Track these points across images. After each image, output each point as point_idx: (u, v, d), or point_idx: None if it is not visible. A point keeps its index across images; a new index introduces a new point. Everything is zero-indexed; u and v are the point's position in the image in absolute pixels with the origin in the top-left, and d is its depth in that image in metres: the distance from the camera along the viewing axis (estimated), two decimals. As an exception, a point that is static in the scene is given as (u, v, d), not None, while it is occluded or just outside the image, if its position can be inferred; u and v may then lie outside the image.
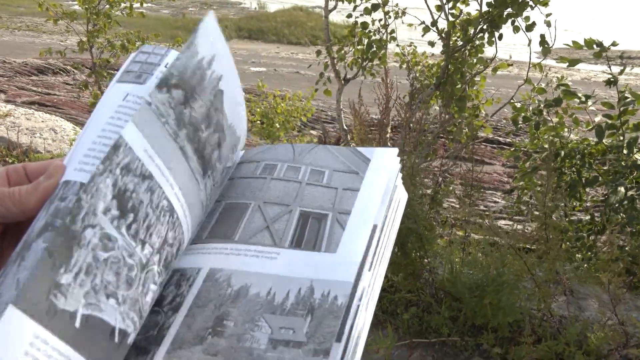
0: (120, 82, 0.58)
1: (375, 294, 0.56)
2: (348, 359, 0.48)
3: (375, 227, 0.58)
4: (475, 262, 2.97)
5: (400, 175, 0.65)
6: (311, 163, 0.66)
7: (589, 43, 3.52)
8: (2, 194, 0.52)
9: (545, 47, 3.92)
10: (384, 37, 5.10)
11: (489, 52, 4.67)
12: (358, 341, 0.50)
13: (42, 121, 6.39)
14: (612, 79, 3.66)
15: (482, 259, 2.98)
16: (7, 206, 0.52)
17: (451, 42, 4.47)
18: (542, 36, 3.91)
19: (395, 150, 0.65)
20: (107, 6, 8.30)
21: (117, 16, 8.49)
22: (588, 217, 4.15)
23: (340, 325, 0.49)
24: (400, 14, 5.05)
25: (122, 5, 8.37)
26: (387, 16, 5.02)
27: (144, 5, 8.66)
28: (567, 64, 3.69)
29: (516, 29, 4.10)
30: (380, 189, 0.61)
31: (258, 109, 8.13)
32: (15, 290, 0.42)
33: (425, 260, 3.03)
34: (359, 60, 5.18)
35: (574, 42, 3.54)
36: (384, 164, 0.64)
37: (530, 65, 4.45)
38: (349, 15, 5.02)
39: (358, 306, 0.50)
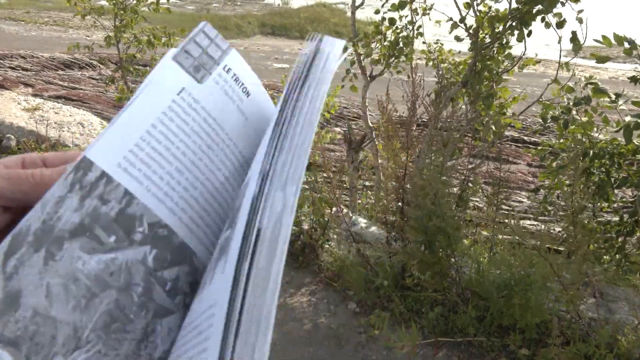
0: (178, 64, 0.50)
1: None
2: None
3: None
4: (502, 262, 2.94)
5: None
6: None
7: (619, 39, 3.44)
8: (18, 175, 0.47)
9: (577, 44, 3.85)
10: (411, 33, 5.07)
11: (516, 50, 4.61)
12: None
13: (70, 115, 6.47)
14: (638, 77, 3.58)
15: (510, 259, 2.94)
16: (23, 189, 0.47)
17: (479, 39, 4.42)
18: (574, 33, 3.84)
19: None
20: (134, 2, 8.39)
21: (143, 12, 8.58)
22: (617, 218, 4.08)
23: None
24: (427, 11, 5.01)
25: (149, 1, 8.47)
26: (414, 13, 4.99)
27: (170, 1, 8.75)
28: (596, 60, 3.62)
29: (547, 25, 4.03)
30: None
31: (282, 105, 8.14)
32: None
33: (452, 259, 3.00)
34: (386, 56, 5.15)
35: (603, 37, 3.47)
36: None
37: (559, 64, 4.38)
38: (377, 11, 4.98)
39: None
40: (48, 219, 0.43)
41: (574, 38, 3.87)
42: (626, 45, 3.46)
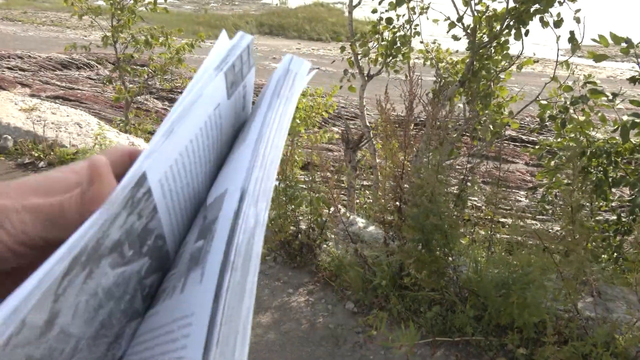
0: (225, 77, 0.48)
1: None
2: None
3: None
4: (500, 261, 2.94)
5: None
6: None
7: (617, 39, 3.45)
8: (41, 207, 0.41)
9: (575, 44, 3.85)
10: (408, 32, 5.06)
11: (513, 49, 4.61)
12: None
13: (67, 115, 6.45)
14: (637, 77, 3.59)
15: (508, 258, 2.94)
16: (53, 226, 0.41)
17: (477, 39, 4.42)
18: (572, 33, 3.85)
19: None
20: (132, 1, 8.38)
21: (140, 12, 8.58)
22: (614, 217, 4.08)
23: None
24: (424, 10, 5.01)
25: (146, 0, 8.46)
26: (411, 12, 4.99)
27: (167, 0, 8.73)
28: (593, 59, 3.62)
29: (545, 24, 4.04)
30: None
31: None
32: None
33: (450, 258, 3.00)
34: (383, 56, 5.15)
35: (600, 36, 3.47)
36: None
37: (557, 63, 4.38)
38: (374, 11, 4.98)
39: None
40: (101, 237, 0.39)
41: (572, 38, 3.87)
42: (623, 44, 3.47)
